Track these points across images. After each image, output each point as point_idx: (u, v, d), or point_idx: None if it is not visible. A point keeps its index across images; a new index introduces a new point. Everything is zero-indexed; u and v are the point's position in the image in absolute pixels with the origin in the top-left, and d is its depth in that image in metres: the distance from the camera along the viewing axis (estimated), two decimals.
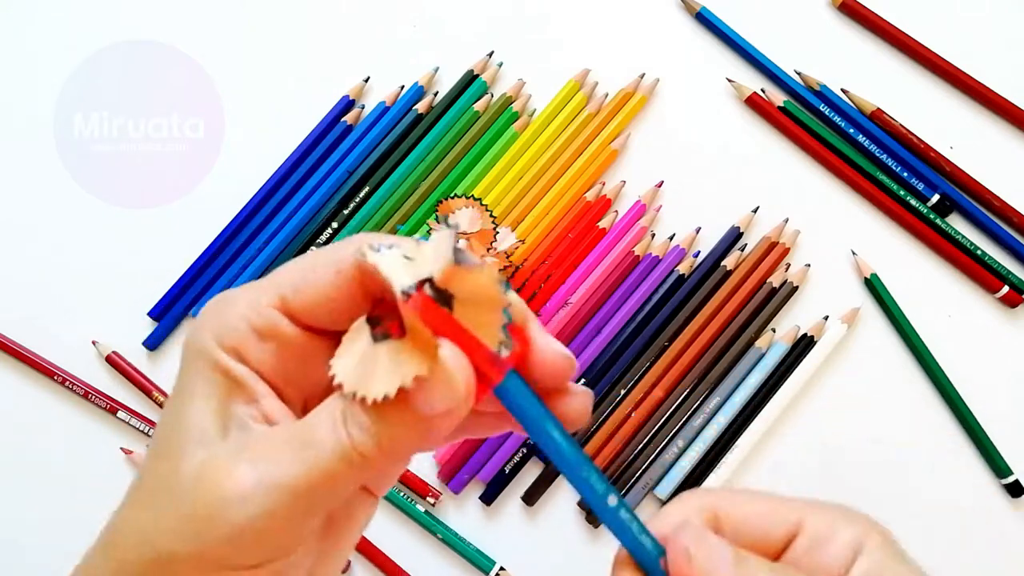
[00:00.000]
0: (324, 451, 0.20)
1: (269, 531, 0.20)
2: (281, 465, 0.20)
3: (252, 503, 0.19)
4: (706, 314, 0.51)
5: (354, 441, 0.19)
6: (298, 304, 0.22)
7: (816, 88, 0.54)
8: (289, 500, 0.19)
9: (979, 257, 0.52)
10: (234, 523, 0.19)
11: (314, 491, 0.20)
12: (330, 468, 0.19)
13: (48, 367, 0.51)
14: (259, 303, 0.22)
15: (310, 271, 0.22)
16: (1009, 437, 0.50)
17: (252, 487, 0.19)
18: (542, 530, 0.50)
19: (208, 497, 0.20)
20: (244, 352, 0.21)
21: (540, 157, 0.53)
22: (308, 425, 0.20)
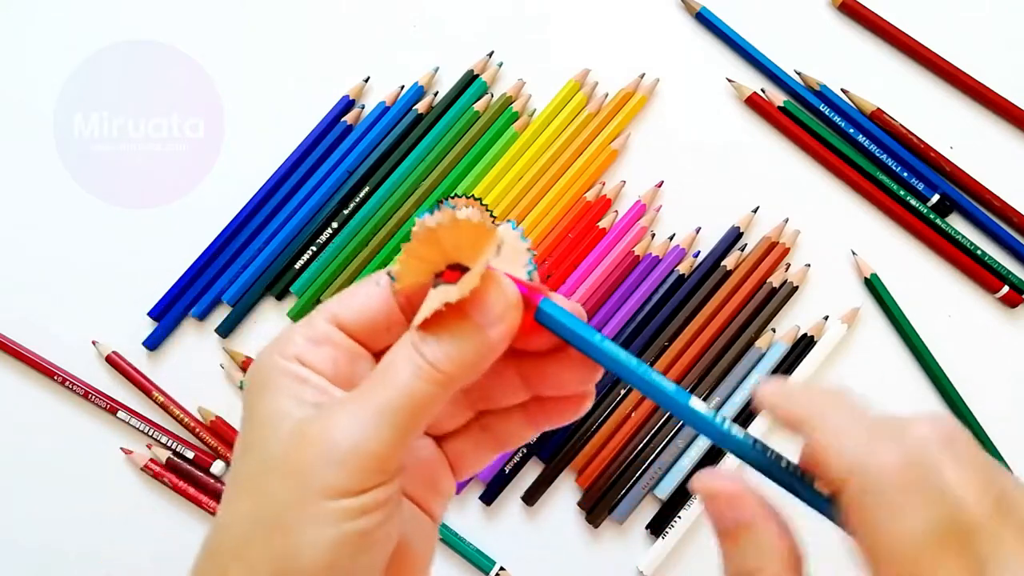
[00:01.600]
0: (405, 375, 0.22)
1: (371, 453, 0.21)
2: (371, 396, 0.22)
3: (352, 430, 0.21)
4: (706, 314, 0.51)
5: (427, 358, 0.22)
6: (348, 319, 0.25)
7: (816, 88, 0.54)
8: (384, 421, 0.21)
9: (979, 257, 0.52)
10: (340, 450, 0.21)
11: (403, 410, 0.22)
12: (413, 388, 0.22)
13: (48, 367, 0.51)
14: (313, 320, 0.25)
15: (356, 290, 0.25)
16: (1009, 437, 0.50)
17: (349, 419, 0.21)
18: (542, 530, 0.50)
19: (310, 441, 0.21)
20: (303, 357, 0.24)
21: (540, 157, 0.53)
22: (385, 362, 0.23)
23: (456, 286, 0.22)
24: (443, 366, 0.22)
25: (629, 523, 0.50)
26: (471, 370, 0.22)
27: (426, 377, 0.22)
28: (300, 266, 0.52)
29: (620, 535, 0.50)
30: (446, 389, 0.22)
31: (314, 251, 0.52)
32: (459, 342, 0.22)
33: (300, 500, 0.21)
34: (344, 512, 0.21)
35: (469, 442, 0.27)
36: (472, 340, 0.22)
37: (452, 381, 0.22)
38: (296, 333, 0.24)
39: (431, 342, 0.22)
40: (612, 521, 0.50)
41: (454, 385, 0.22)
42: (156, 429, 0.51)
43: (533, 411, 0.27)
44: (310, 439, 0.22)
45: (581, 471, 0.50)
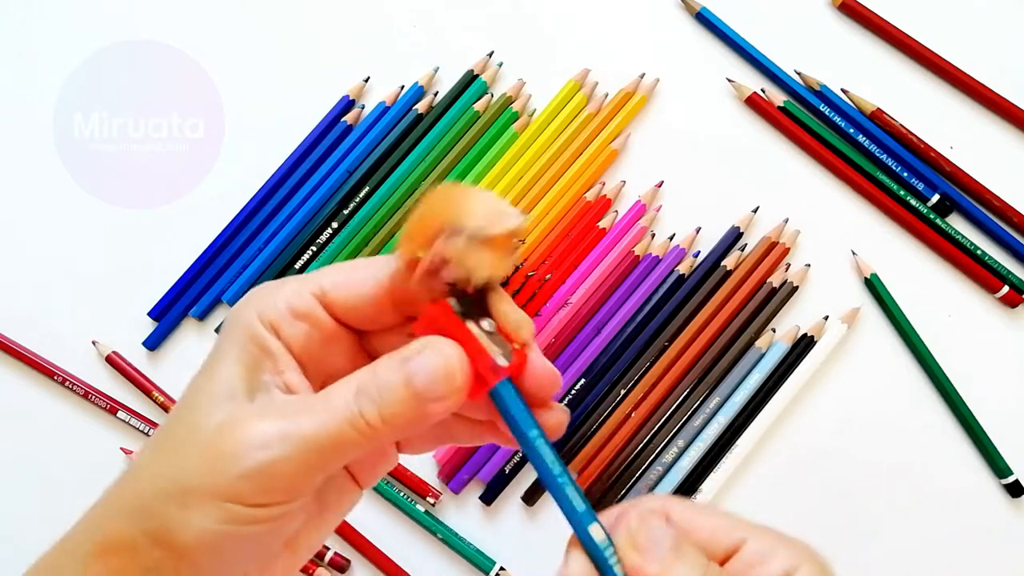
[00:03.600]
0: (337, 415, 0.23)
1: (281, 476, 0.22)
2: (299, 423, 0.23)
3: (271, 449, 0.22)
4: (706, 314, 0.51)
5: (362, 411, 0.23)
6: (335, 297, 0.25)
7: (816, 88, 0.54)
8: (302, 452, 0.22)
9: (979, 257, 0.52)
10: (253, 463, 0.22)
11: (323, 447, 0.23)
12: (339, 431, 0.23)
13: (48, 367, 0.51)
14: (302, 289, 0.25)
15: (353, 272, 0.26)
16: (1009, 437, 0.50)
17: (273, 436, 0.22)
18: (542, 530, 0.50)
19: (232, 441, 0.22)
20: (279, 328, 0.25)
21: (540, 157, 0.53)
22: (327, 394, 0.23)
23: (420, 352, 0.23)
24: (373, 421, 0.23)
25: None
26: (400, 432, 0.23)
27: (355, 425, 0.23)
28: (300, 266, 0.52)
29: None
30: (371, 441, 0.23)
31: (314, 251, 0.52)
32: (396, 406, 0.23)
33: (211, 488, 0.22)
34: (241, 516, 0.22)
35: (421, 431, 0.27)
36: (407, 409, 0.23)
37: (379, 436, 0.23)
38: (281, 299, 0.25)
39: (371, 396, 0.23)
40: None
41: (380, 440, 0.23)
42: (156, 429, 0.51)
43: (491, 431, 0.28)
44: (241, 436, 0.23)
45: (581, 471, 0.50)
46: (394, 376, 0.23)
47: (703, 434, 0.50)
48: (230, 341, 0.25)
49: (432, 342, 0.23)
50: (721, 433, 0.50)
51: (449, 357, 0.23)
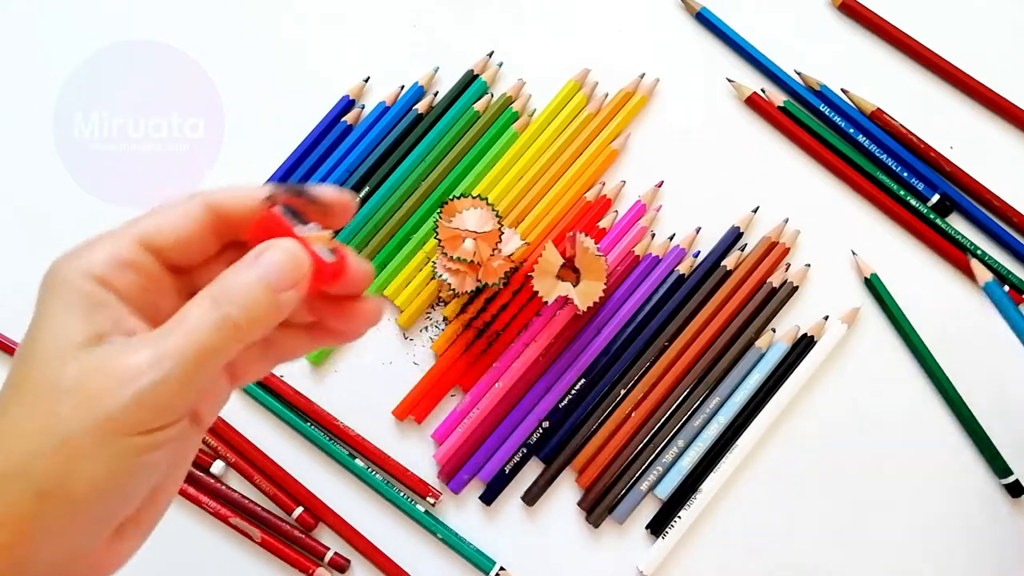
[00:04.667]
0: (201, 325, 0.24)
1: (165, 395, 0.23)
2: (166, 343, 0.23)
3: (149, 374, 0.23)
4: (706, 314, 0.51)
5: (227, 314, 0.24)
6: (159, 241, 0.26)
7: (816, 88, 0.54)
8: (179, 369, 0.23)
9: (979, 257, 0.52)
10: (136, 390, 0.23)
11: (198, 359, 0.23)
12: (208, 338, 0.24)
13: None
14: (123, 239, 0.26)
15: (167, 213, 0.27)
16: (1009, 437, 0.50)
17: (144, 362, 0.23)
18: (542, 530, 0.50)
19: (103, 379, 0.23)
20: (108, 279, 0.25)
21: (540, 157, 0.53)
22: (180, 315, 0.24)
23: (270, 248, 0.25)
24: (239, 321, 0.24)
25: (629, 523, 0.50)
26: (262, 326, 0.25)
27: (221, 329, 0.24)
28: None
29: (620, 535, 0.50)
30: (238, 342, 0.24)
31: None
32: (254, 302, 0.24)
33: (93, 429, 0.22)
34: (134, 448, 0.23)
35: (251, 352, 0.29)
36: (266, 301, 0.24)
37: (244, 335, 0.24)
38: (101, 248, 0.26)
39: (229, 297, 0.24)
40: (612, 521, 0.50)
41: (246, 339, 0.24)
42: None
43: (316, 332, 0.30)
44: (108, 373, 0.23)
45: (581, 471, 0.50)
46: (249, 275, 0.24)
47: (703, 434, 0.50)
48: (57, 299, 0.25)
49: (275, 242, 0.25)
50: (721, 433, 0.50)
51: (292, 250, 0.25)
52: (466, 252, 0.48)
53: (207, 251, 0.27)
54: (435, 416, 0.51)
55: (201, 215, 0.26)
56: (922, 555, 0.50)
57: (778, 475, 0.50)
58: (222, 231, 0.27)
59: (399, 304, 0.52)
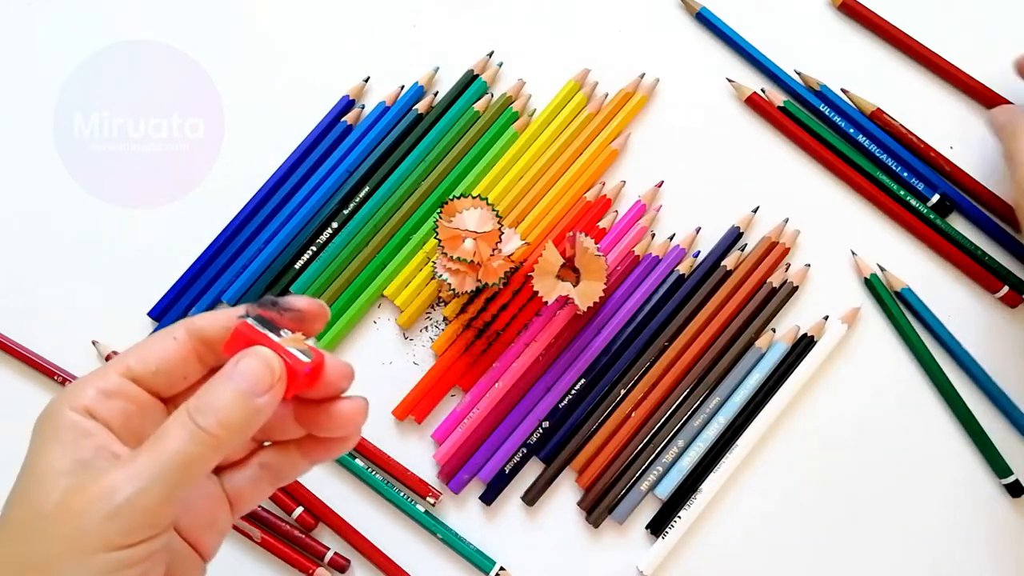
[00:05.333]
0: (179, 438, 0.24)
1: (143, 508, 0.23)
2: (143, 462, 0.24)
3: (127, 486, 0.23)
4: (706, 314, 0.51)
5: (200, 424, 0.24)
6: (140, 368, 0.27)
7: (816, 88, 0.54)
8: (157, 479, 0.24)
9: (979, 257, 0.52)
10: (113, 505, 0.23)
11: (175, 469, 0.24)
12: (186, 451, 0.24)
13: (48, 367, 0.51)
14: (108, 372, 0.27)
15: (153, 343, 0.28)
16: (1009, 437, 0.50)
17: (123, 479, 0.23)
18: (542, 530, 0.50)
19: (83, 499, 0.23)
20: (93, 411, 0.26)
21: (540, 157, 0.53)
22: (160, 430, 0.25)
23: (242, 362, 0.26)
24: (213, 428, 0.25)
25: (629, 523, 0.50)
26: (239, 434, 0.25)
27: (197, 440, 0.24)
28: (300, 266, 0.52)
29: (620, 535, 0.50)
30: (216, 451, 0.25)
31: (314, 251, 0.52)
32: (229, 410, 0.25)
33: (71, 550, 0.23)
34: (115, 563, 0.23)
35: (248, 478, 0.30)
36: (240, 408, 0.25)
37: (222, 444, 0.25)
38: (88, 385, 0.26)
39: (202, 409, 0.25)
40: (612, 521, 0.50)
41: (224, 447, 0.25)
42: None
43: (308, 447, 0.30)
44: (87, 493, 0.23)
45: (581, 471, 0.50)
46: (222, 387, 0.25)
47: (703, 434, 0.50)
48: (45, 437, 0.25)
49: (247, 351, 0.26)
50: (721, 433, 0.50)
51: (264, 355, 0.26)
52: (466, 252, 0.48)
53: (192, 376, 0.28)
54: (435, 416, 0.51)
55: (183, 341, 0.27)
56: (922, 555, 0.50)
57: (778, 475, 0.50)
58: (205, 355, 0.28)
59: (399, 304, 0.52)
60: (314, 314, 0.28)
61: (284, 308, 0.28)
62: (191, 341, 0.28)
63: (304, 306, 0.28)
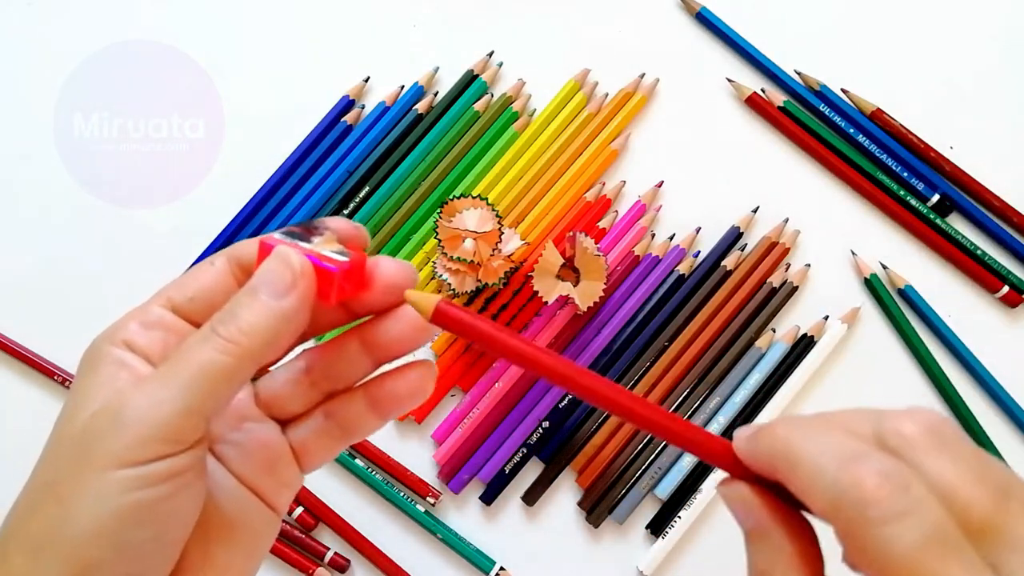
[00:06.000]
0: (202, 349, 0.23)
1: (158, 420, 0.22)
2: (166, 370, 0.23)
3: (141, 399, 0.22)
4: (706, 314, 0.51)
5: (221, 333, 0.23)
6: (180, 298, 0.25)
7: (816, 88, 0.54)
8: (177, 391, 0.22)
9: (979, 257, 0.52)
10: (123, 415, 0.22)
11: (199, 380, 0.22)
12: (207, 360, 0.22)
13: (48, 367, 0.51)
14: (148, 306, 0.26)
15: (192, 271, 0.26)
16: (1009, 437, 0.50)
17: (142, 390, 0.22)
18: (542, 530, 0.50)
19: (101, 419, 0.22)
20: (132, 343, 0.25)
21: (540, 157, 0.53)
22: (182, 344, 0.24)
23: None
24: (235, 337, 0.23)
25: (629, 523, 0.50)
26: (265, 339, 0.23)
27: (222, 349, 0.23)
28: None
29: (620, 535, 0.50)
30: (245, 361, 0.23)
31: None
32: (251, 315, 0.23)
33: (79, 469, 0.22)
34: (124, 482, 0.21)
35: (313, 430, 0.28)
36: (263, 312, 0.23)
37: (250, 353, 0.23)
38: (130, 319, 0.25)
39: (223, 318, 0.23)
40: (612, 521, 0.50)
41: (252, 358, 0.23)
42: None
43: (375, 394, 0.27)
44: (102, 411, 0.22)
45: (581, 471, 0.50)
46: (241, 296, 0.24)
47: None
48: (82, 373, 0.25)
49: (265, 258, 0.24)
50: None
51: (282, 252, 0.24)
52: (466, 252, 0.48)
53: None
54: (435, 416, 0.51)
55: (221, 268, 0.26)
56: None
57: None
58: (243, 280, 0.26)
59: None
60: (349, 235, 0.26)
61: (317, 227, 0.26)
62: (230, 267, 0.26)
63: (340, 226, 0.26)
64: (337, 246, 0.25)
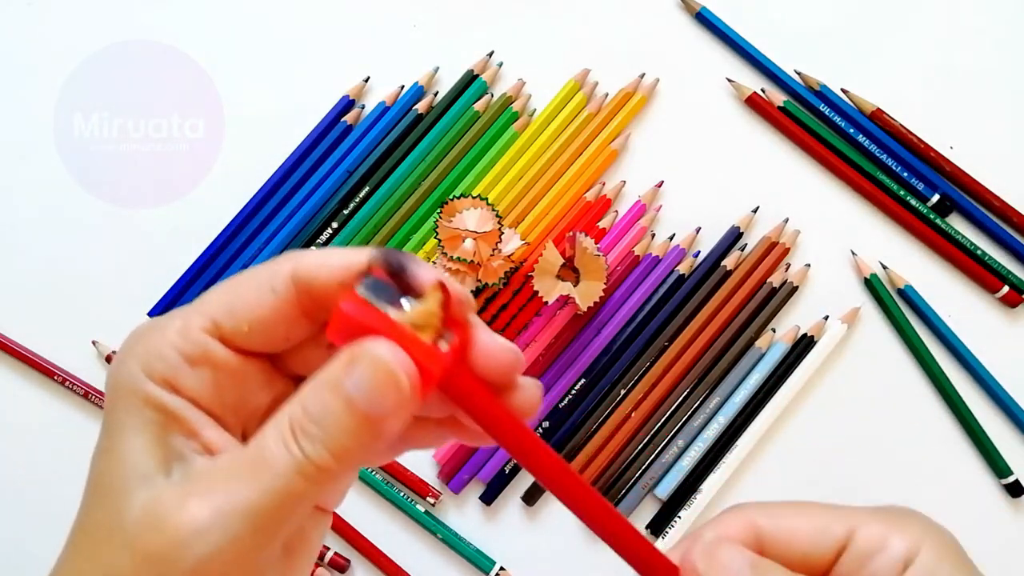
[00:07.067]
0: (278, 469, 0.19)
1: (231, 562, 0.19)
2: (235, 492, 0.19)
3: (210, 536, 0.19)
4: (706, 314, 0.51)
5: (307, 453, 0.19)
6: (232, 327, 0.21)
7: (816, 88, 0.54)
8: (249, 526, 0.19)
9: (979, 257, 0.52)
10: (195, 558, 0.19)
11: (273, 512, 0.19)
12: (287, 486, 0.19)
13: (48, 367, 0.51)
14: (189, 329, 0.21)
15: (245, 292, 0.21)
16: (1009, 437, 0.50)
17: (208, 519, 0.19)
18: (542, 530, 0.50)
19: (161, 538, 0.19)
20: (176, 382, 0.21)
21: (540, 157, 0.53)
22: (257, 446, 0.19)
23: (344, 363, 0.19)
24: (325, 462, 0.19)
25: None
26: (358, 463, 0.20)
27: (304, 474, 0.19)
28: None
29: None
30: (325, 484, 0.19)
31: None
32: (344, 435, 0.19)
33: None
34: None
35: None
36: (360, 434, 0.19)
37: (333, 476, 0.19)
38: (167, 345, 0.21)
39: (311, 433, 0.19)
40: None
41: (333, 481, 0.20)
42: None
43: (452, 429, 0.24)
44: (165, 533, 0.19)
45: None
46: (332, 403, 0.19)
47: (703, 434, 0.50)
48: (122, 411, 0.21)
49: (362, 349, 0.19)
50: (721, 433, 0.50)
51: (387, 361, 0.19)
52: (466, 252, 0.48)
53: (296, 336, 0.22)
54: None
55: (284, 295, 0.21)
56: None
57: (778, 475, 0.50)
58: (313, 311, 0.21)
59: None
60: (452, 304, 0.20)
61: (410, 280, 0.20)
62: (294, 291, 0.21)
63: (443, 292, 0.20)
64: (435, 319, 0.20)
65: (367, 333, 0.19)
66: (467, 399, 0.20)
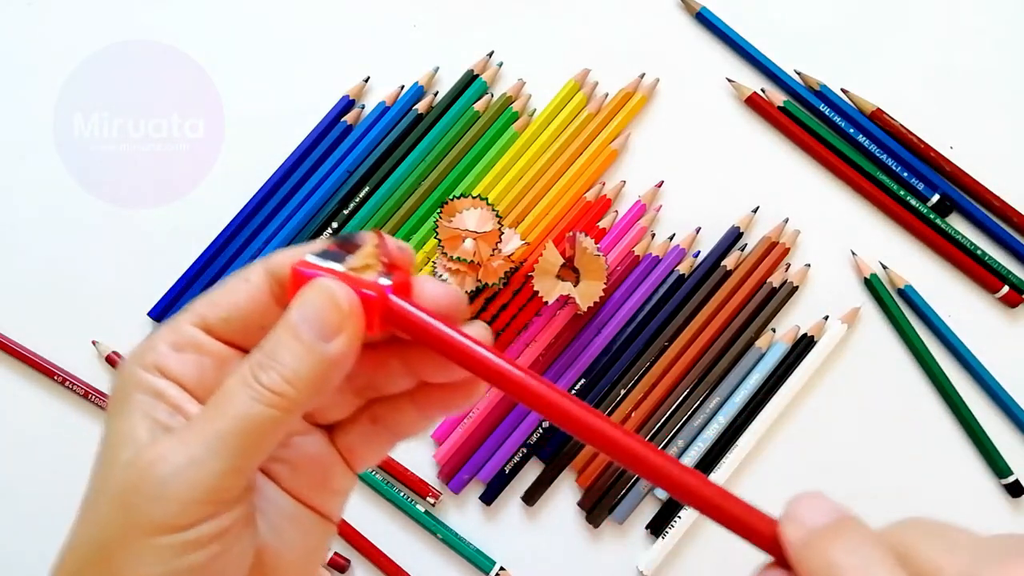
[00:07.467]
0: (239, 400, 0.21)
1: (198, 483, 0.20)
2: (200, 425, 0.21)
3: (178, 459, 0.20)
4: (706, 314, 0.51)
5: (263, 383, 0.21)
6: (214, 317, 0.23)
7: (816, 88, 0.54)
8: (216, 450, 0.20)
9: (979, 257, 0.52)
10: (162, 479, 0.20)
11: (239, 437, 0.21)
12: (247, 412, 0.21)
13: (48, 367, 0.51)
14: (179, 324, 0.23)
15: (225, 285, 0.24)
16: (1009, 437, 0.50)
17: (172, 447, 0.21)
18: (542, 530, 0.50)
19: (136, 476, 0.21)
20: (164, 367, 0.23)
21: (540, 157, 0.53)
22: (220, 390, 0.21)
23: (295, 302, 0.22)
24: (279, 387, 0.21)
25: (629, 523, 0.50)
26: (316, 389, 0.21)
27: (265, 401, 0.21)
28: None
29: (620, 535, 0.50)
30: (288, 412, 0.21)
31: None
32: (296, 362, 0.21)
33: (125, 535, 0.20)
34: (171, 549, 0.20)
35: (360, 434, 0.26)
36: (309, 358, 0.21)
37: (295, 404, 0.21)
38: (159, 339, 0.23)
39: (265, 365, 0.21)
40: (612, 521, 0.50)
41: (298, 408, 0.21)
42: None
43: (422, 400, 0.25)
44: (139, 470, 0.21)
45: (581, 471, 0.50)
46: (283, 335, 0.21)
47: (703, 434, 0.50)
48: (118, 401, 0.23)
49: (306, 286, 0.21)
50: (721, 433, 0.50)
51: (324, 286, 0.21)
52: (466, 252, 0.48)
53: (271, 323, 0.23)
54: None
55: (257, 284, 0.23)
56: None
57: (778, 475, 0.50)
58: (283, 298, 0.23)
59: None
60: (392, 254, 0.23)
61: (353, 241, 0.23)
62: (268, 283, 0.23)
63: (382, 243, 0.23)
64: (378, 265, 0.22)
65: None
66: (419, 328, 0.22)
